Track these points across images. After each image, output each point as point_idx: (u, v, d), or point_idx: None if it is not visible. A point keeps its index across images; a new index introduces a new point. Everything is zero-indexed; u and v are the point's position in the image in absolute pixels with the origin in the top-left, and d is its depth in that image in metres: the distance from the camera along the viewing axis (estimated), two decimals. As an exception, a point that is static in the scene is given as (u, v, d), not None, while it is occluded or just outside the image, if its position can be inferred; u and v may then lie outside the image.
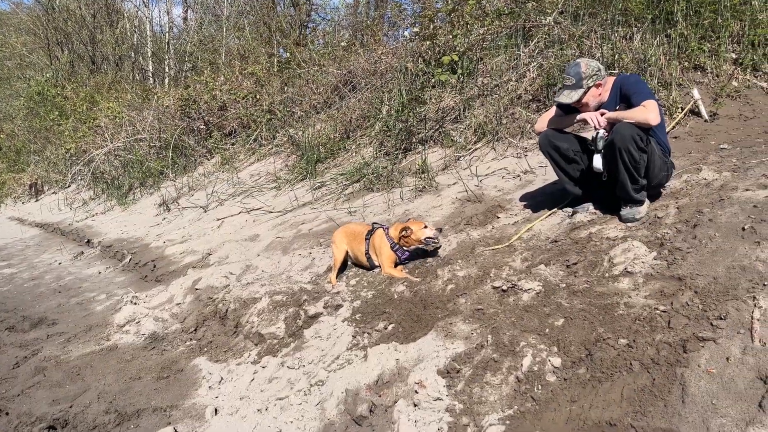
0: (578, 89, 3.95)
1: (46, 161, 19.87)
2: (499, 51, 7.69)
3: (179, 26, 27.20)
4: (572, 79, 3.96)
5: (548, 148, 4.26)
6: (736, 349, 2.34)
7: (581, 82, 3.93)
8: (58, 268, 8.69)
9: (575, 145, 4.22)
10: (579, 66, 3.95)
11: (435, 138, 7.65)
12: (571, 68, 4.00)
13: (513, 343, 2.93)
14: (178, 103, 14.41)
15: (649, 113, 3.68)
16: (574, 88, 3.96)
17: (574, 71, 3.96)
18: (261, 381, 3.56)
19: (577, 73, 3.94)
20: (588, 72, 3.92)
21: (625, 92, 3.94)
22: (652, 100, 3.76)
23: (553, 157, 4.29)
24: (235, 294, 4.95)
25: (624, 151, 3.70)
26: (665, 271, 3.07)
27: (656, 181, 3.94)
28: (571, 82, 3.98)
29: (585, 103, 4.02)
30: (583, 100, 3.99)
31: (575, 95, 3.96)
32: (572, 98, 3.97)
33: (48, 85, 23.04)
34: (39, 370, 4.41)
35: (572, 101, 3.99)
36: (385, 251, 4.48)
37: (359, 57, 10.90)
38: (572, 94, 3.97)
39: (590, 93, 3.98)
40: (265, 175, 10.06)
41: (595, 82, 3.94)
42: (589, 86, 3.94)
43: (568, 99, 3.99)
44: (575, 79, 3.95)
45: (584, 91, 3.94)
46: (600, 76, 3.96)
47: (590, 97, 4.00)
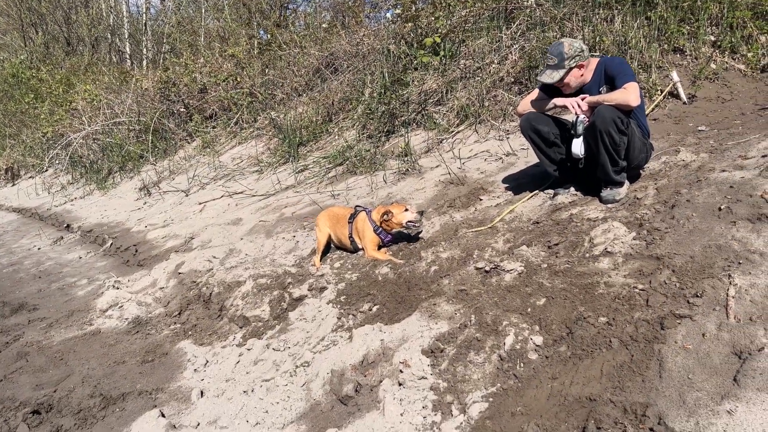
0: (560, 69, 3.96)
1: (22, 145, 19.48)
2: (481, 33, 7.69)
3: (156, 7, 26.68)
4: (555, 58, 3.97)
5: (529, 131, 4.29)
6: (711, 325, 2.40)
7: (563, 62, 3.94)
8: (38, 253, 8.59)
9: (555, 128, 4.25)
10: (562, 46, 3.96)
11: (418, 121, 7.65)
12: (554, 48, 4.00)
13: (496, 323, 2.98)
14: (157, 86, 14.20)
15: (629, 95, 3.72)
16: (556, 68, 3.98)
17: (557, 51, 3.97)
18: (246, 363, 3.58)
19: (559, 53, 3.95)
20: (570, 52, 3.93)
21: (609, 74, 3.96)
22: (633, 82, 3.80)
23: (533, 140, 4.32)
24: (219, 277, 4.94)
25: (605, 134, 3.75)
26: (644, 251, 3.13)
27: (636, 163, 4.01)
28: (553, 62, 3.99)
29: (567, 83, 4.04)
30: (565, 80, 4.01)
31: (557, 75, 3.98)
32: (554, 78, 3.99)
33: (22, 67, 22.51)
34: (21, 355, 4.38)
35: (554, 81, 4.01)
36: (368, 234, 4.50)
37: (341, 39, 10.82)
38: (554, 74, 3.99)
39: (572, 73, 4.00)
40: (247, 159, 9.99)
41: (577, 63, 3.96)
42: (571, 66, 3.95)
43: (550, 79, 4.01)
44: (558, 59, 3.96)
45: (566, 71, 3.96)
46: (583, 57, 3.97)
47: (572, 78, 4.02)
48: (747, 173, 3.47)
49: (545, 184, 4.58)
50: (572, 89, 4.10)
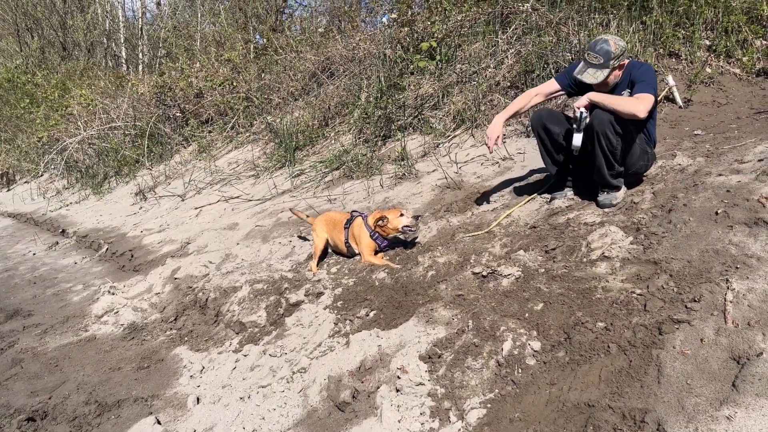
0: (604, 69, 3.75)
1: (17, 150, 19.42)
2: (477, 38, 7.70)
3: (152, 11, 26.70)
4: (600, 58, 3.73)
5: (539, 128, 4.22)
6: (709, 330, 2.40)
7: (609, 62, 3.72)
8: (33, 258, 8.54)
9: (564, 130, 4.14)
10: (608, 44, 3.71)
11: (414, 125, 7.65)
12: (599, 46, 3.74)
13: (493, 328, 2.97)
14: (153, 91, 14.17)
15: (639, 105, 3.56)
16: (601, 68, 3.75)
17: (603, 50, 3.72)
18: (243, 369, 3.56)
19: (606, 52, 3.71)
20: (617, 51, 3.71)
21: (632, 79, 3.80)
22: (649, 94, 3.63)
23: (541, 138, 4.25)
24: (215, 283, 4.92)
25: (601, 135, 3.73)
26: (641, 256, 3.13)
27: (634, 169, 3.98)
28: (598, 61, 3.74)
29: (607, 82, 3.86)
30: (607, 80, 3.83)
31: (601, 75, 3.77)
32: (598, 78, 3.77)
33: (18, 72, 22.45)
34: (16, 361, 4.35)
35: (597, 81, 3.79)
36: (364, 239, 4.48)
37: (337, 43, 10.81)
38: (598, 73, 3.77)
39: (614, 74, 3.82)
40: (243, 163, 9.97)
41: (620, 62, 3.78)
42: (614, 66, 3.77)
43: (594, 79, 3.79)
44: (604, 59, 3.72)
45: (610, 70, 3.76)
46: (625, 56, 3.79)
47: (612, 77, 3.85)
48: (743, 177, 3.47)
49: (542, 188, 4.57)
50: (608, 89, 3.92)
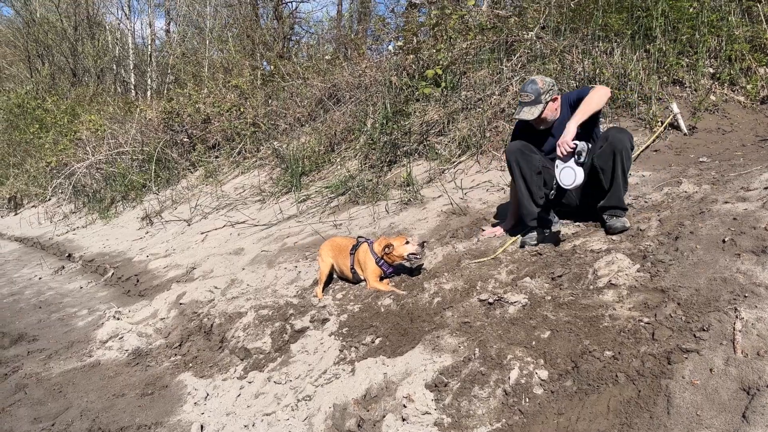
0: (537, 104, 4.05)
1: (25, 174, 19.61)
2: (482, 65, 7.78)
3: (161, 39, 27.16)
4: (530, 95, 4.06)
5: (519, 157, 4.18)
6: (719, 360, 2.38)
7: (540, 97, 4.04)
8: (39, 283, 8.56)
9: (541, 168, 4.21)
10: (536, 83, 4.06)
11: (419, 151, 7.69)
12: (528, 85, 4.09)
13: (500, 356, 2.95)
14: (161, 116, 14.35)
15: (599, 90, 3.85)
16: (534, 104, 4.06)
17: (531, 88, 4.06)
18: (247, 396, 3.53)
19: (535, 90, 4.05)
20: (545, 87, 4.05)
21: (575, 102, 4.04)
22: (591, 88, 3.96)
23: (521, 169, 4.18)
24: (220, 308, 4.91)
25: (624, 154, 3.79)
26: (648, 283, 3.12)
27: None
28: (529, 99, 4.07)
29: (543, 118, 4.14)
30: (543, 115, 4.11)
31: (536, 110, 4.06)
32: (534, 114, 4.07)
33: (28, 97, 22.80)
34: (20, 387, 4.33)
35: (533, 117, 4.07)
36: (369, 266, 4.48)
37: (343, 70, 10.96)
38: (532, 109, 4.07)
39: (548, 107, 4.11)
40: (250, 188, 10.03)
41: (551, 97, 4.08)
42: (547, 101, 4.06)
43: (529, 115, 4.08)
44: (534, 96, 4.05)
45: (543, 106, 4.06)
46: (555, 91, 4.12)
47: (548, 112, 4.13)
48: (750, 205, 3.47)
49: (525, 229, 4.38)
50: (549, 124, 4.22)
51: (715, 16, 6.19)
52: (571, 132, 3.82)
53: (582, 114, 3.84)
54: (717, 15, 6.21)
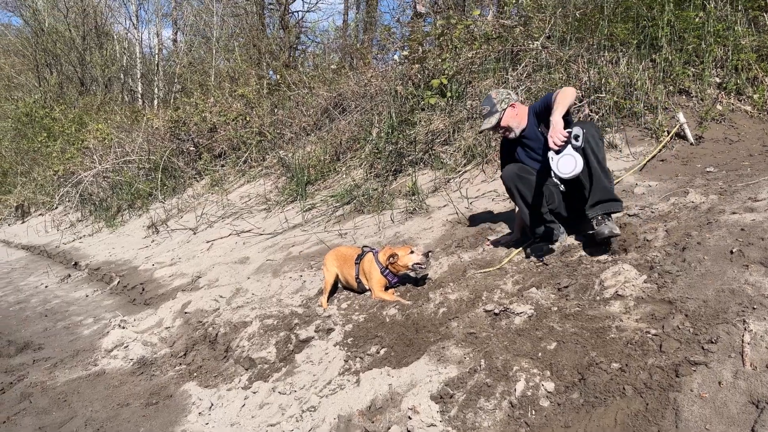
0: (494, 114, 4.28)
1: (33, 183, 19.73)
2: (487, 74, 7.79)
3: (169, 48, 27.34)
4: (486, 107, 4.34)
5: (515, 180, 4.20)
6: (727, 373, 2.35)
7: (495, 107, 4.27)
8: (45, 291, 8.58)
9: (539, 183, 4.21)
10: (490, 95, 4.35)
11: (425, 160, 7.70)
12: (484, 100, 4.39)
13: (506, 368, 2.93)
14: (168, 125, 14.43)
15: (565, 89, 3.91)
16: (491, 114, 4.30)
17: (486, 101, 4.35)
18: (252, 407, 3.52)
19: (488, 100, 4.32)
20: (499, 97, 4.28)
21: (539, 110, 4.16)
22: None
23: (519, 191, 4.20)
24: (225, 318, 4.91)
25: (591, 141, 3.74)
26: (656, 295, 3.09)
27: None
28: (487, 110, 4.34)
29: (507, 125, 4.32)
30: (503, 122, 4.29)
31: (494, 119, 4.28)
32: (492, 122, 4.29)
33: (36, 106, 22.97)
34: (25, 396, 4.33)
35: (492, 125, 4.31)
36: (375, 275, 4.47)
37: (349, 79, 11.00)
38: (491, 119, 4.31)
39: (507, 114, 4.29)
40: (255, 197, 10.05)
41: (508, 104, 4.26)
42: (504, 108, 4.26)
43: (489, 124, 4.32)
44: (489, 107, 4.31)
45: (500, 113, 4.26)
46: (511, 98, 4.30)
47: (509, 119, 4.29)
48: (758, 216, 3.44)
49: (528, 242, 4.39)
50: (516, 133, 4.35)
51: (721, 26, 6.17)
52: (559, 122, 3.74)
53: (561, 106, 3.81)
54: (723, 25, 6.19)
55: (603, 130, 5.99)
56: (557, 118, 3.77)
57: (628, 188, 4.89)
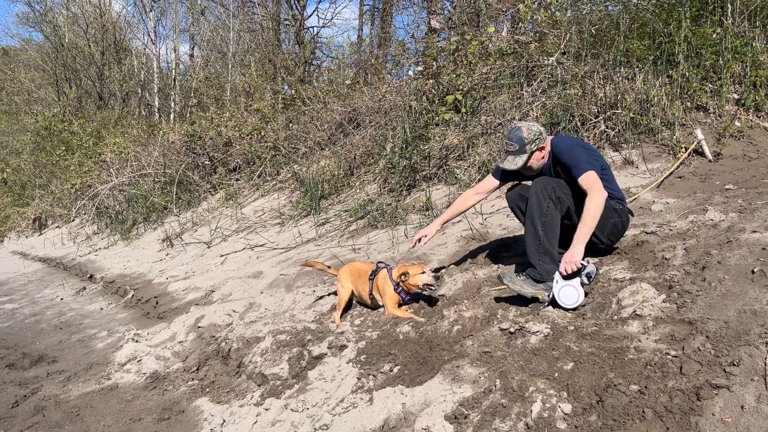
0: (522, 154, 3.94)
1: (50, 195, 19.98)
2: (502, 90, 7.79)
3: (185, 63, 27.70)
4: (515, 144, 3.95)
5: (519, 201, 4.16)
6: (750, 397, 2.29)
7: (525, 147, 3.92)
8: (60, 303, 8.64)
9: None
10: (521, 131, 3.93)
11: (439, 175, 7.68)
12: (513, 134, 3.97)
13: (522, 388, 2.88)
14: (184, 139, 14.57)
15: (594, 194, 3.61)
16: (518, 154, 3.95)
17: (516, 137, 3.94)
18: (264, 424, 3.49)
19: (519, 138, 3.92)
20: (530, 137, 3.91)
21: (559, 158, 3.92)
22: (589, 171, 3.70)
23: (523, 212, 4.12)
24: (238, 332, 4.89)
25: (532, 200, 3.77)
26: (675, 315, 3.03)
27: (607, 232, 3.96)
28: (514, 148, 3.96)
29: (530, 166, 4.02)
30: (528, 164, 3.99)
31: (520, 161, 3.96)
32: (517, 164, 3.97)
33: (55, 120, 23.32)
34: (38, 409, 4.34)
35: (517, 167, 3.98)
36: (388, 292, 4.44)
37: (363, 95, 11.05)
38: (517, 159, 3.96)
39: (534, 157, 3.98)
40: (269, 211, 10.08)
41: (538, 146, 3.94)
42: (532, 150, 3.93)
43: (513, 165, 3.98)
44: (518, 145, 3.93)
45: (528, 155, 3.94)
46: (542, 139, 3.94)
47: (534, 161, 4.00)
48: (779, 234, 3.38)
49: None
50: (534, 172, 4.09)
51: (739, 42, 6.13)
52: (580, 253, 3.57)
53: (588, 231, 3.61)
54: (741, 41, 6.15)
55: (619, 146, 5.95)
56: (579, 248, 3.57)
57: (645, 205, 4.83)
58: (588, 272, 3.55)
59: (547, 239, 3.74)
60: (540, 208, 3.73)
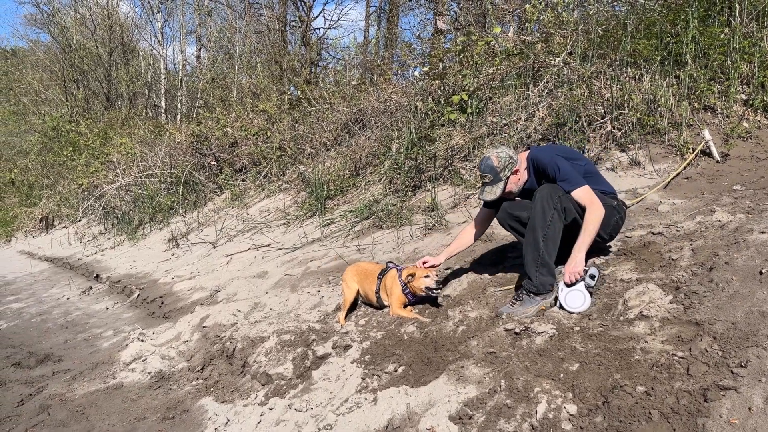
0: (498, 183, 3.95)
1: (57, 196, 20.07)
2: (508, 90, 7.76)
3: (192, 64, 27.78)
4: (489, 175, 3.96)
5: (510, 221, 4.14)
6: (758, 398, 2.26)
7: (498, 175, 3.93)
8: (66, 303, 8.67)
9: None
10: (490, 160, 3.94)
11: (444, 176, 7.66)
12: (484, 164, 3.98)
13: (527, 389, 2.86)
14: (190, 140, 14.60)
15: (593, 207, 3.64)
16: (494, 183, 3.97)
17: (488, 167, 3.95)
18: (268, 424, 3.48)
19: (491, 168, 3.93)
20: (501, 164, 3.92)
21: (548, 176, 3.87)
22: (581, 187, 3.71)
23: (516, 230, 4.14)
24: (243, 332, 4.89)
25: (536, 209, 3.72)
26: (682, 316, 3.01)
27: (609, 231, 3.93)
28: (489, 179, 3.97)
29: (509, 191, 4.03)
30: (506, 189, 4.00)
31: (497, 189, 3.97)
32: (496, 193, 3.97)
33: (63, 120, 23.44)
34: (44, 408, 4.35)
35: (497, 196, 3.98)
36: (395, 292, 4.43)
37: (369, 95, 11.04)
38: (494, 188, 3.97)
39: (510, 181, 3.99)
40: (275, 212, 10.09)
41: (511, 171, 3.95)
42: (507, 176, 3.95)
43: (492, 195, 3.99)
44: (492, 175, 3.95)
45: (504, 182, 3.95)
46: (514, 163, 3.95)
47: (512, 185, 4.02)
48: (788, 235, 3.35)
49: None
50: (516, 194, 4.11)
51: (747, 42, 6.08)
52: (581, 261, 3.59)
53: (588, 240, 3.63)
54: (749, 41, 6.10)
55: (626, 147, 5.92)
56: (580, 257, 3.59)
57: (652, 206, 4.81)
58: (591, 274, 3.54)
59: (546, 251, 3.69)
60: (544, 218, 3.68)
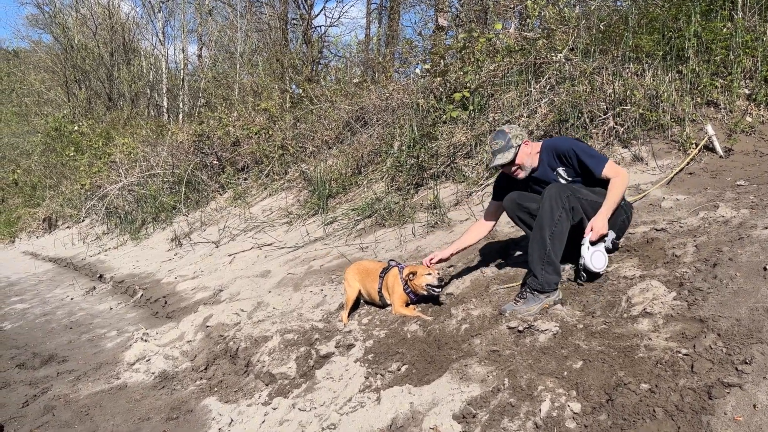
0: (509, 149, 3.97)
1: (60, 196, 20.10)
2: (510, 87, 7.73)
3: (194, 63, 27.77)
4: (500, 142, 4.01)
5: (518, 212, 4.15)
6: (763, 395, 2.25)
7: (510, 141, 3.97)
8: (70, 303, 8.69)
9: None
10: (503, 130, 4.05)
11: (447, 173, 7.65)
12: (496, 135, 4.07)
13: (530, 387, 2.85)
14: (192, 139, 14.60)
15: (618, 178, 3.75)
16: (505, 149, 3.99)
17: (498, 136, 4.03)
18: (272, 423, 3.48)
19: (502, 136, 4.01)
20: (513, 132, 3.99)
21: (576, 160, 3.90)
22: (607, 161, 3.81)
23: (525, 222, 4.16)
24: (246, 332, 4.89)
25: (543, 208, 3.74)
26: (686, 312, 3.00)
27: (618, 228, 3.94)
28: (499, 146, 4.01)
29: (520, 163, 4.02)
30: (517, 159, 4.00)
31: (509, 154, 3.97)
32: (507, 158, 3.98)
33: (65, 121, 23.46)
34: (48, 409, 4.36)
35: (508, 160, 3.98)
36: (397, 290, 4.42)
37: (371, 93, 11.02)
38: (506, 154, 3.98)
39: (522, 151, 4.00)
40: (277, 210, 10.08)
41: (522, 140, 3.99)
42: (518, 144, 3.97)
43: (504, 159, 3.99)
44: (503, 141, 3.99)
45: (515, 149, 3.97)
46: (524, 135, 4.02)
47: (523, 156, 4.02)
48: (792, 231, 3.33)
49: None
50: (526, 172, 4.08)
51: (750, 37, 6.04)
52: (605, 223, 3.70)
53: (612, 205, 3.73)
54: (752, 35, 6.06)
55: (628, 143, 5.90)
56: (604, 221, 3.69)
57: (655, 202, 4.79)
58: (612, 238, 3.70)
59: (553, 250, 3.68)
60: (552, 217, 3.67)
